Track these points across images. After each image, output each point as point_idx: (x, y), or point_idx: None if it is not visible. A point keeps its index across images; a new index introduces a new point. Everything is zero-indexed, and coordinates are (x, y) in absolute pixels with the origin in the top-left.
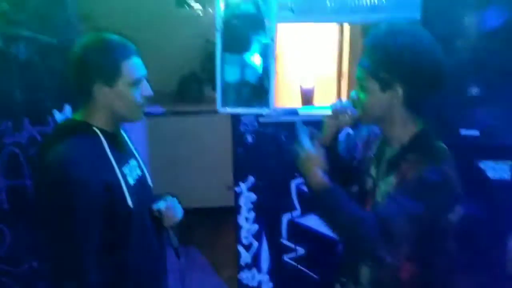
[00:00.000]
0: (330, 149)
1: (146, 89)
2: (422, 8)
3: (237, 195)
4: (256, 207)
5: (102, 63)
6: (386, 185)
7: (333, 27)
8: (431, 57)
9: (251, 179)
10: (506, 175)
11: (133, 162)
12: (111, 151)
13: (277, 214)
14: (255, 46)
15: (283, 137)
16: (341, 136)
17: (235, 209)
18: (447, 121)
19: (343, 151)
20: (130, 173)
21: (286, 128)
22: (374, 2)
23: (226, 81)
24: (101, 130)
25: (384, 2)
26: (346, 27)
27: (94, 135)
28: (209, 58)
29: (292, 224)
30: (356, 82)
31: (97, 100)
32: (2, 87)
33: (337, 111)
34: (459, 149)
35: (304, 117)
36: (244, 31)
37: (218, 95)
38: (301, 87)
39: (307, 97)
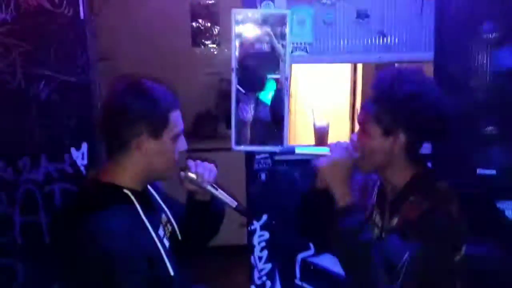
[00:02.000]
0: (326, 192)
1: (182, 143)
2: (435, 48)
3: (250, 234)
4: (270, 246)
5: (151, 113)
6: (388, 229)
7: (347, 65)
8: (435, 107)
9: (264, 217)
10: None
11: (164, 218)
12: (145, 215)
13: (290, 254)
14: (270, 85)
15: (296, 175)
16: None
17: (248, 248)
18: (463, 160)
19: None
20: (164, 233)
21: (300, 166)
22: (387, 42)
23: (240, 119)
24: (132, 191)
25: (397, 42)
26: (359, 65)
27: (127, 200)
28: (224, 96)
29: (306, 263)
30: (358, 125)
31: (136, 154)
32: (21, 125)
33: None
34: (477, 189)
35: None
36: (258, 70)
37: (233, 133)
38: (315, 125)
39: (321, 135)
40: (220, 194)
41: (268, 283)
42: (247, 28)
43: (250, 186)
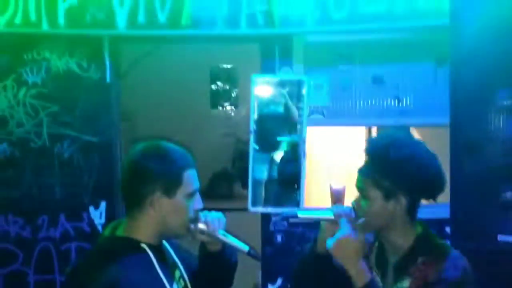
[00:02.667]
0: (326, 256)
1: (198, 202)
2: (451, 114)
3: None
4: None
5: (165, 172)
6: None
7: (362, 128)
8: (432, 166)
9: (279, 280)
10: None
11: (177, 273)
12: (160, 269)
13: None
14: (287, 146)
15: (313, 237)
16: None
17: None
18: (483, 227)
19: None
20: (179, 287)
21: (316, 228)
22: (402, 106)
23: (256, 179)
24: (148, 245)
25: (412, 107)
26: (374, 128)
27: (144, 253)
28: (240, 156)
29: None
30: (357, 189)
31: (151, 211)
32: (43, 184)
33: (338, 216)
34: (498, 255)
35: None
36: (274, 131)
37: (249, 194)
38: (331, 187)
39: (337, 197)
40: (232, 241)
41: None
42: (264, 91)
43: (266, 247)
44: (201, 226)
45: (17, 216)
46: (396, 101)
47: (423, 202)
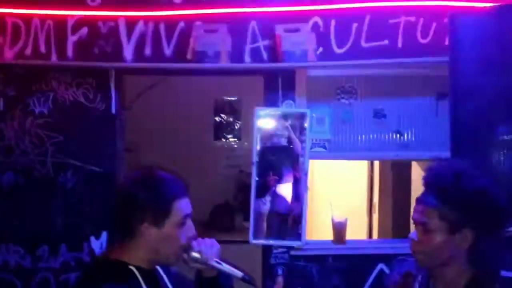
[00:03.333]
0: None
1: (190, 229)
2: (451, 148)
3: None
4: None
5: (154, 203)
6: None
7: (363, 161)
8: (501, 201)
9: None
10: None
11: None
12: None
13: None
14: (288, 179)
15: (314, 271)
16: None
17: None
18: (489, 265)
19: None
20: None
21: (317, 262)
22: (403, 140)
23: (257, 211)
24: (138, 268)
25: (413, 140)
26: (376, 162)
27: (132, 276)
28: (242, 188)
29: None
30: (415, 223)
31: (141, 239)
32: (45, 214)
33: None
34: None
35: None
36: (278, 164)
37: (251, 226)
38: (333, 220)
39: (339, 230)
40: (225, 267)
41: None
42: (267, 123)
43: (267, 280)
44: (194, 254)
45: (18, 246)
46: (397, 134)
47: None
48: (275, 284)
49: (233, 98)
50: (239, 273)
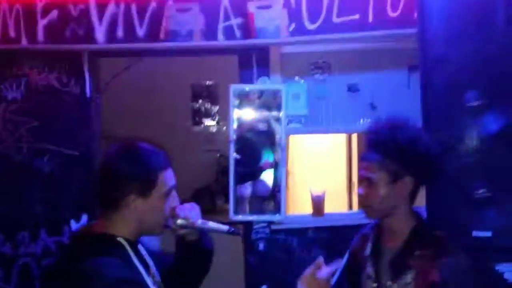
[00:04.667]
0: None
1: (175, 199)
2: (422, 118)
3: None
4: None
5: (140, 174)
6: (402, 285)
7: (342, 138)
8: (433, 147)
9: None
10: None
11: (151, 269)
12: (138, 262)
13: None
14: (267, 157)
15: (295, 244)
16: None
17: None
18: (458, 223)
19: None
20: (153, 283)
21: (298, 235)
22: (377, 112)
23: (239, 195)
24: (125, 239)
25: (387, 112)
26: (354, 138)
27: (121, 248)
28: (222, 172)
29: None
30: (360, 179)
31: (126, 212)
32: (23, 199)
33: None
34: (474, 252)
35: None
36: (256, 142)
37: (231, 202)
38: (312, 193)
39: (318, 204)
40: (212, 225)
41: None
42: (243, 101)
43: (249, 256)
44: (180, 221)
45: None
46: (371, 108)
47: None
48: None
49: (210, 83)
50: (225, 228)
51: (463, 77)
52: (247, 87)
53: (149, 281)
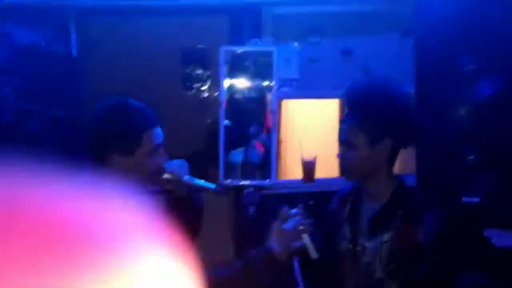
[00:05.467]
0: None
1: (162, 156)
2: (416, 82)
3: None
4: None
5: (123, 133)
6: (378, 244)
7: (334, 103)
8: (412, 108)
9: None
10: None
11: None
12: None
13: None
14: (258, 120)
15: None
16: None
17: None
18: (448, 188)
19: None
20: None
21: (288, 200)
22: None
23: (231, 161)
24: None
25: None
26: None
27: None
28: (213, 137)
29: None
30: (340, 142)
31: (111, 169)
32: (9, 161)
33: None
34: (463, 217)
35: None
36: (248, 106)
37: (221, 167)
38: (302, 159)
39: (308, 169)
40: (198, 182)
41: None
42: (235, 69)
43: (238, 220)
44: (167, 176)
45: None
46: (365, 72)
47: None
48: None
49: (201, 46)
50: (211, 185)
51: (457, 42)
52: (238, 49)
53: None
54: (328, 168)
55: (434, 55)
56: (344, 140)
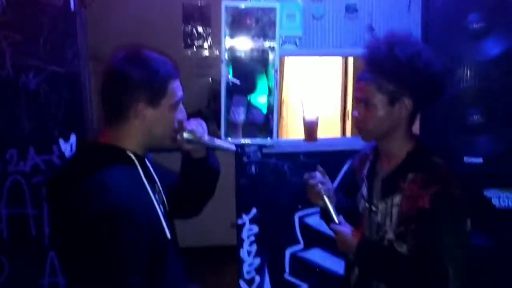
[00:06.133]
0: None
1: (182, 112)
2: (422, 40)
3: (240, 228)
4: (259, 240)
5: (150, 81)
6: (389, 206)
7: (338, 60)
8: (436, 65)
9: (253, 210)
10: None
11: (157, 186)
12: (145, 178)
13: (280, 248)
14: (260, 79)
15: (286, 168)
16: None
17: (237, 242)
18: (450, 149)
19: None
20: (159, 199)
21: (289, 159)
22: (375, 35)
23: (232, 121)
24: (134, 155)
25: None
26: (350, 61)
27: (129, 162)
28: (215, 97)
29: (295, 258)
30: (357, 100)
31: (135, 121)
32: (9, 116)
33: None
34: (464, 177)
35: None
36: (249, 70)
37: (222, 126)
38: (304, 118)
39: (310, 129)
40: (219, 142)
41: (257, 278)
42: (237, 26)
43: (240, 179)
44: (187, 135)
45: None
46: (370, 30)
47: None
48: None
49: (202, 3)
50: (232, 146)
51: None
52: (240, 4)
53: (154, 199)
54: (331, 129)
55: (441, 13)
56: (362, 99)
